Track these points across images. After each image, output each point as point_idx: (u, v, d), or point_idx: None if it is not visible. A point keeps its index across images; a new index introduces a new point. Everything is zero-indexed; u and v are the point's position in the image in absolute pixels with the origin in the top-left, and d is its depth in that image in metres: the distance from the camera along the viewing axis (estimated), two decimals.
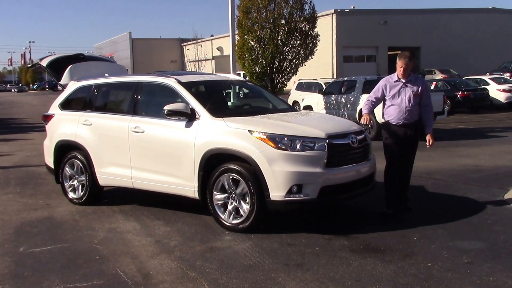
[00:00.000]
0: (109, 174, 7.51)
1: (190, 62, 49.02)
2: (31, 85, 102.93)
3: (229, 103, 10.47)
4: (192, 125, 6.60)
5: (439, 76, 32.22)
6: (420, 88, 6.70)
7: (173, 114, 6.62)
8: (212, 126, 6.46)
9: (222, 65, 46.76)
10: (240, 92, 8.59)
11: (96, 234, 6.37)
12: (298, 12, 18.73)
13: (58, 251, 5.77)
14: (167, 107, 6.60)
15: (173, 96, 7.03)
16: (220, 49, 58.20)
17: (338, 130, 6.41)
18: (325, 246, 5.65)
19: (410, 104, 6.63)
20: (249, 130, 6.13)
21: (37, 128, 20.76)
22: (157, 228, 6.57)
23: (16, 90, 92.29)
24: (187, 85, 7.08)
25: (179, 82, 7.06)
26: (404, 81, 6.70)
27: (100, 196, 8.01)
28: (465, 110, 23.87)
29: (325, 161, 5.97)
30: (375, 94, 6.91)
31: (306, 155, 5.92)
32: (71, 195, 7.97)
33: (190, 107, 6.65)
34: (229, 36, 17.36)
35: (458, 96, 23.35)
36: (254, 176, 5.98)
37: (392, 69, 38.76)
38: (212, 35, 63.34)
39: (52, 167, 8.26)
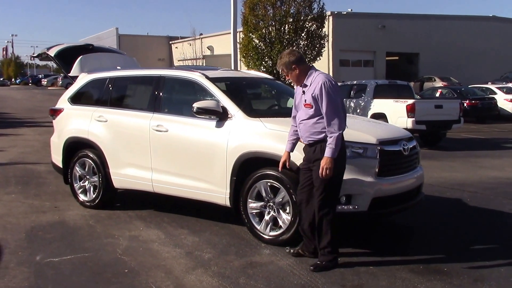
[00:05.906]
0: (125, 175, 6.86)
1: (179, 60, 48.12)
2: (13, 80, 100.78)
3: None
4: (224, 125, 5.99)
5: (439, 83, 31.69)
6: (311, 95, 4.88)
7: (203, 112, 6.00)
8: (248, 127, 5.86)
9: (213, 65, 45.94)
10: (273, 90, 7.93)
11: (118, 242, 5.73)
12: (306, 11, 18.04)
13: (80, 261, 5.13)
14: (196, 105, 5.97)
15: (201, 92, 6.46)
16: (210, 48, 57.39)
17: (389, 136, 5.80)
18: (379, 264, 5.06)
19: (302, 118, 5.02)
20: None
21: (27, 124, 19.91)
22: (183, 237, 5.94)
23: None
24: (216, 81, 6.48)
25: (207, 77, 6.45)
26: (299, 87, 5.11)
27: (113, 199, 7.34)
28: (472, 120, 22.67)
29: (377, 170, 5.40)
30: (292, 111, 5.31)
31: (356, 162, 5.33)
32: (81, 197, 7.29)
33: (221, 105, 6.04)
34: (220, 35, 16.66)
35: (465, 104, 22.08)
36: (297, 184, 5.37)
37: (390, 75, 38.01)
38: (201, 34, 62.22)
39: (60, 166, 7.58)
